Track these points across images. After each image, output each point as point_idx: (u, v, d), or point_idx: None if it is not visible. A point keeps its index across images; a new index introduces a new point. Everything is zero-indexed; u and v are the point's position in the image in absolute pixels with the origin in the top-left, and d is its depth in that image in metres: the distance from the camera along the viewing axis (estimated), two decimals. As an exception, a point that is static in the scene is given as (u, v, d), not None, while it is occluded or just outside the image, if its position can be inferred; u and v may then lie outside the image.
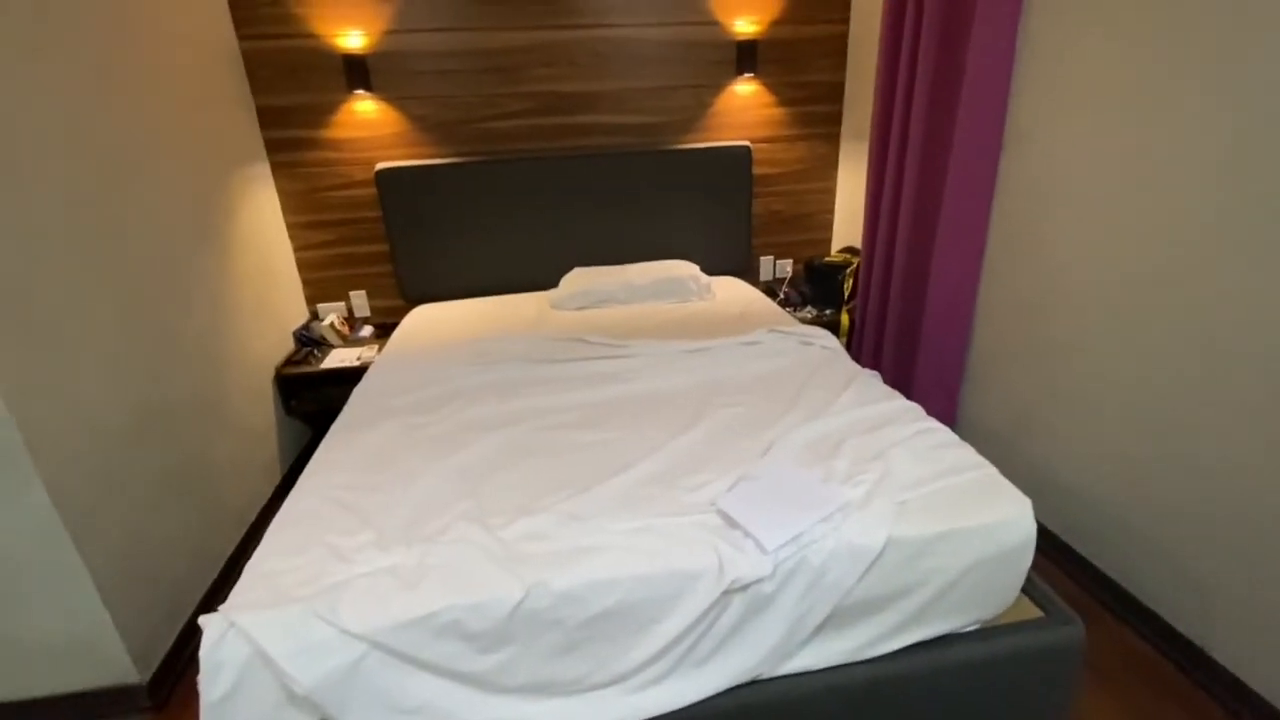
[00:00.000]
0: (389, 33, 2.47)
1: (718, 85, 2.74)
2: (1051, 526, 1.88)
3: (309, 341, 2.62)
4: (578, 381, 1.78)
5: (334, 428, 1.60)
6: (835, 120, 2.88)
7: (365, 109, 2.55)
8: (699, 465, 1.33)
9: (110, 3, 1.70)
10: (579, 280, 2.59)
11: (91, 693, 1.46)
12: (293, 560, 1.12)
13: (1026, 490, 1.24)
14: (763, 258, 3.07)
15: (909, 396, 2.31)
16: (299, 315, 2.73)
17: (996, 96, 1.84)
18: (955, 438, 1.39)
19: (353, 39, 2.44)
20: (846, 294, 2.75)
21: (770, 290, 2.97)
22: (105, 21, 1.67)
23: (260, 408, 2.33)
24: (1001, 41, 1.78)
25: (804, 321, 2.66)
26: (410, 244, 2.68)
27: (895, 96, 2.23)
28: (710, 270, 2.86)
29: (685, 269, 2.61)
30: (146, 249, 1.76)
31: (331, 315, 2.72)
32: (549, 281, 2.70)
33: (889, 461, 1.29)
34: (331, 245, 2.72)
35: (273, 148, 2.54)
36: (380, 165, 2.58)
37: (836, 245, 3.08)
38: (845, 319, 2.71)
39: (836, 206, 3.04)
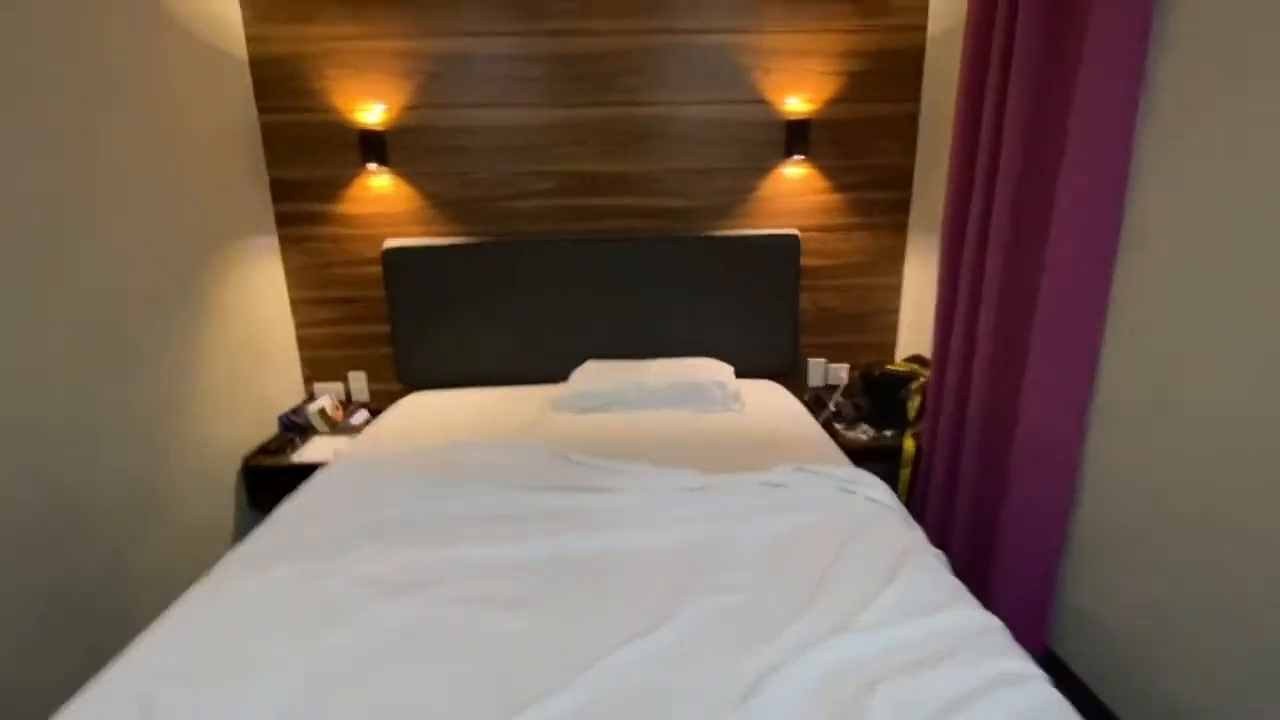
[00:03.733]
0: (410, 108, 2.34)
1: (763, 168, 2.43)
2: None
3: (293, 427, 2.39)
4: (539, 523, 1.40)
5: (217, 567, 1.28)
6: (902, 208, 2.48)
7: (379, 184, 2.40)
8: (642, 709, 0.89)
9: (142, 73, 1.60)
10: (588, 378, 2.25)
11: None
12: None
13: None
14: (811, 360, 2.63)
15: (989, 564, 1.78)
16: (293, 396, 2.52)
17: (1109, 185, 1.40)
18: (1063, 701, 0.88)
19: (372, 114, 2.32)
20: (913, 414, 2.25)
21: (818, 400, 2.51)
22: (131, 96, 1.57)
23: (215, 502, 2.08)
24: (1116, 116, 1.36)
25: (856, 445, 2.18)
26: (412, 326, 2.46)
27: (974, 183, 1.82)
28: (749, 371, 2.46)
29: (711, 373, 2.22)
30: (95, 310, 1.58)
31: (325, 399, 2.49)
32: (562, 373, 2.37)
33: (949, 740, 0.80)
34: (335, 324, 2.53)
35: (283, 221, 2.41)
36: (389, 243, 2.40)
37: (902, 352, 2.60)
38: (910, 445, 2.20)
39: (902, 307, 2.59)
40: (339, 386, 2.61)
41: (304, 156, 2.35)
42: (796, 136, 2.35)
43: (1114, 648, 1.50)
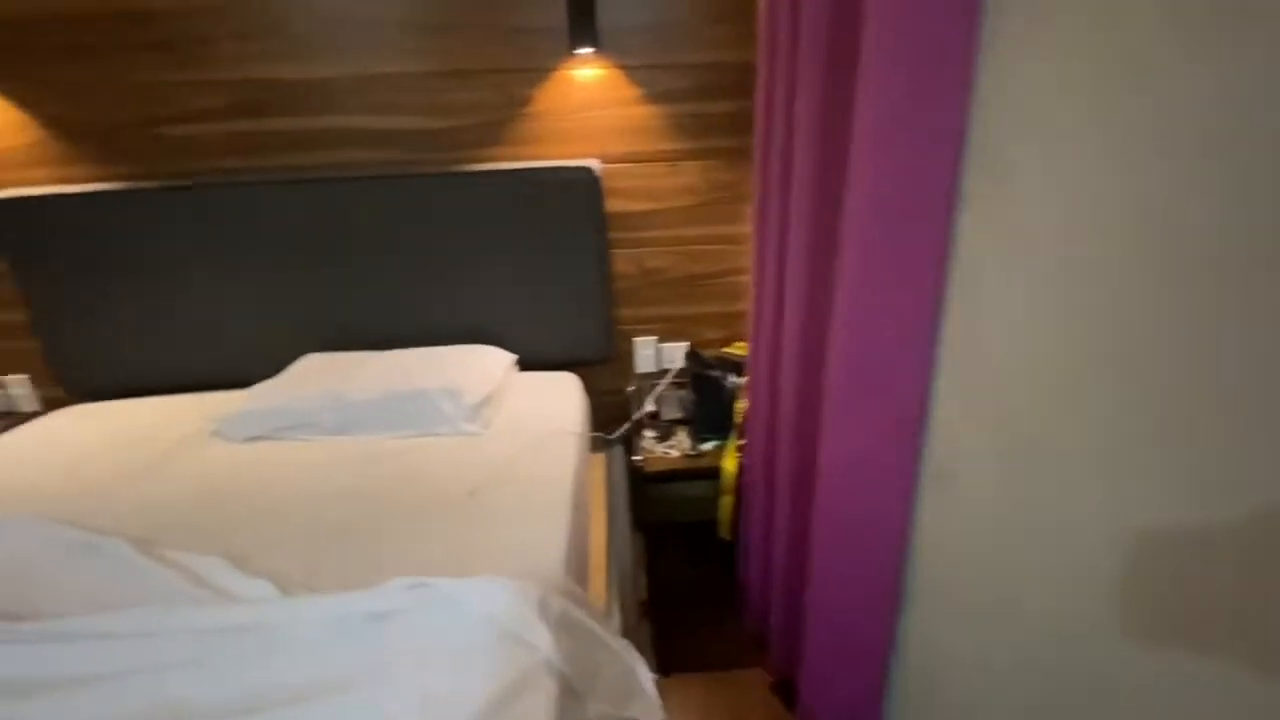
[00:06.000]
0: (-4, -15, 1.54)
1: (540, 69, 1.68)
2: None
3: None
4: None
5: None
6: (746, 126, 1.77)
7: (-28, 106, 1.63)
8: None
9: None
10: (283, 386, 1.58)
11: None
12: None
13: None
14: (638, 339, 1.97)
15: (800, 664, 1.21)
16: (-83, 412, 1.83)
17: (945, 89, 0.72)
18: None
19: (-71, -6, 1.52)
20: (740, 418, 1.62)
21: (639, 396, 1.88)
22: None
23: None
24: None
25: (660, 469, 1.57)
26: (61, 312, 1.75)
27: (774, 98, 1.12)
28: (549, 359, 1.82)
29: (447, 375, 1.54)
30: None
31: (-37, 413, 1.81)
32: (276, 372, 1.70)
33: None
34: (-40, 310, 1.82)
35: None
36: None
37: (753, 325, 1.95)
38: (731, 464, 1.58)
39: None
40: (-7, 394, 1.92)
41: None
42: (582, 19, 1.60)
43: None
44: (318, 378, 1.60)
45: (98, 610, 0.90)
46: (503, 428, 1.49)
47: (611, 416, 1.95)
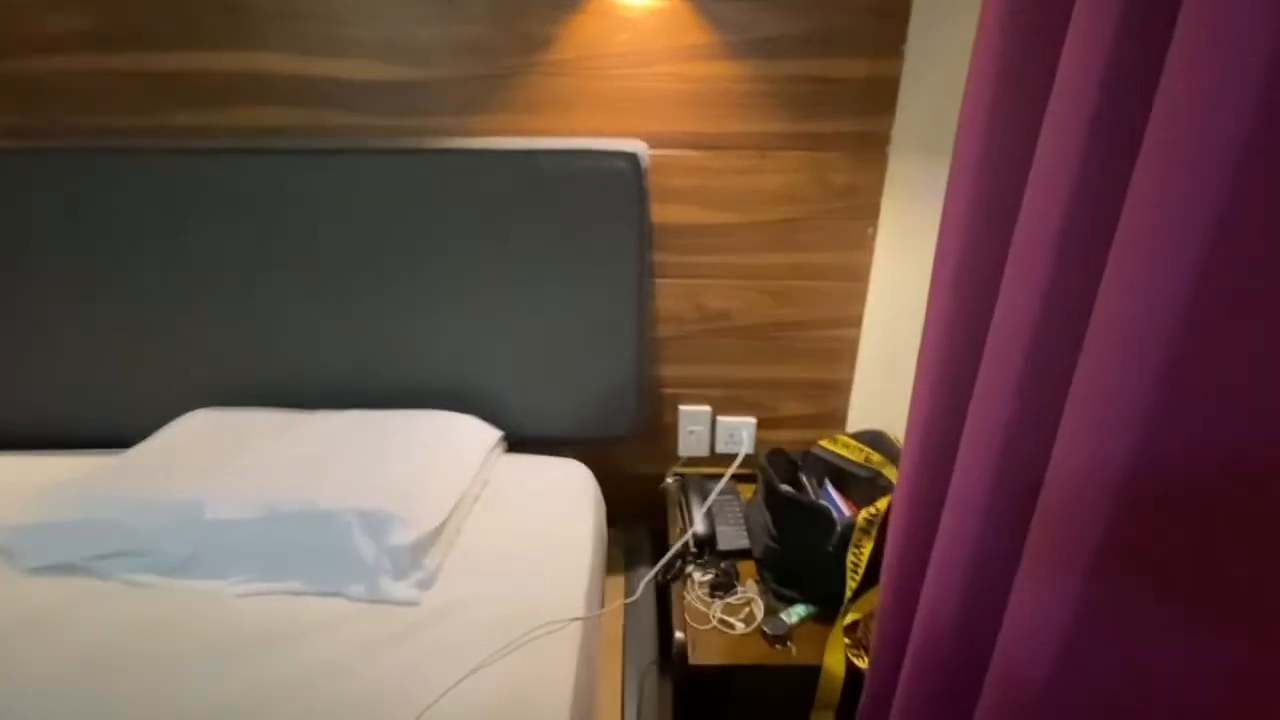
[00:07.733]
0: None
1: (564, -8, 1.07)
2: None
3: None
4: None
5: None
6: (883, 100, 1.12)
7: None
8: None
9: None
10: (122, 478, 1.00)
11: None
12: None
13: None
14: (684, 408, 1.35)
15: None
16: None
17: None
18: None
19: None
20: (856, 578, 0.97)
21: (684, 495, 1.25)
22: None
23: None
24: None
25: (733, 655, 0.95)
26: None
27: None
28: (550, 431, 1.23)
29: (378, 479, 0.94)
30: None
31: None
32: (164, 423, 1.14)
33: None
34: None
35: None
36: None
37: (864, 411, 1.29)
38: (837, 661, 0.94)
39: (869, 311, 1.26)
40: None
41: None
42: (635, -89, 0.98)
43: None
44: (183, 459, 1.02)
45: None
46: (454, 586, 0.87)
47: (641, 509, 1.35)
